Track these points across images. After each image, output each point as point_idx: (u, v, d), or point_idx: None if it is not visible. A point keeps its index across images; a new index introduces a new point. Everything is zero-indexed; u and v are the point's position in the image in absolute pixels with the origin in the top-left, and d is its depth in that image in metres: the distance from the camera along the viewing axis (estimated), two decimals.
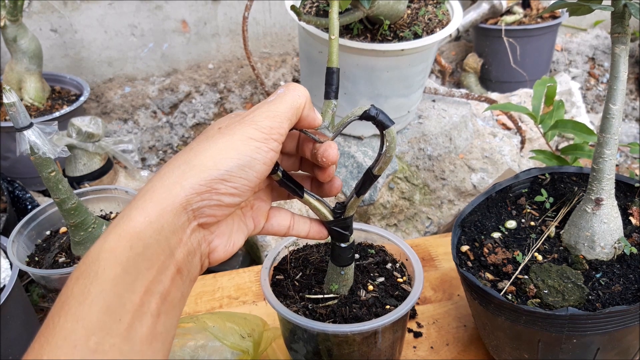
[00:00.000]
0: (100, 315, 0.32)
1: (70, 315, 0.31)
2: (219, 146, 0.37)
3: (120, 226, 0.35)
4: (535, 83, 0.92)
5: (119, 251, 0.33)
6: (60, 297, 0.33)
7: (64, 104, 1.48)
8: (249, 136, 0.38)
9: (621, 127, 0.65)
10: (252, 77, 2.06)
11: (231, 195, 0.38)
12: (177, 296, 0.36)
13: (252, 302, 0.83)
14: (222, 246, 0.41)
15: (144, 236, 0.34)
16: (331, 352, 0.57)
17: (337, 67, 0.45)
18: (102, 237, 0.35)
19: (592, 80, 2.27)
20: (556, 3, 0.59)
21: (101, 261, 0.33)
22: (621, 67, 0.57)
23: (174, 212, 0.35)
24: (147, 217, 0.35)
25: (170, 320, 0.36)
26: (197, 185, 0.36)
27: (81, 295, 0.32)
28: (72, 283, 0.33)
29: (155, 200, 0.35)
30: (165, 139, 1.86)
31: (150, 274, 0.34)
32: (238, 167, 0.37)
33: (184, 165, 0.37)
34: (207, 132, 0.40)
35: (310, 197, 0.48)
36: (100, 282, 0.32)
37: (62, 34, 1.87)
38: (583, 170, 0.75)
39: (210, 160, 0.37)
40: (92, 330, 0.31)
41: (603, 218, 0.62)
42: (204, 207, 0.37)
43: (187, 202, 0.36)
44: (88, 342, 0.31)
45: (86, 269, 0.33)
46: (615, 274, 0.61)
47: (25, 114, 0.62)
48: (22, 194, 1.20)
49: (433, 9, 1.15)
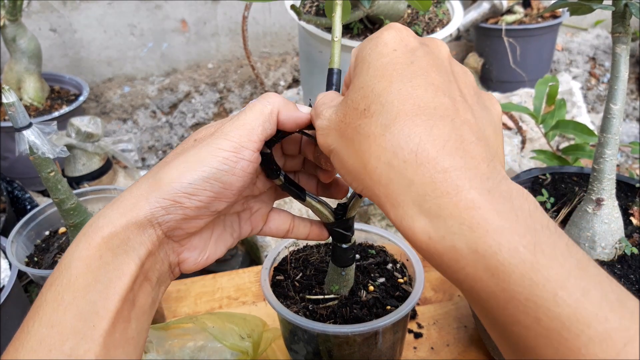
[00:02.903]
0: (74, 321, 0.32)
1: (45, 321, 0.32)
2: (188, 159, 0.37)
3: (89, 234, 0.35)
4: (537, 82, 0.91)
5: (89, 260, 0.34)
6: (35, 303, 0.34)
7: (63, 103, 1.48)
8: (217, 147, 0.37)
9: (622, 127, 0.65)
10: (251, 76, 2.05)
11: (198, 208, 0.37)
12: (147, 302, 0.37)
13: (252, 302, 0.82)
14: (193, 259, 0.41)
15: (111, 246, 0.35)
16: (331, 352, 0.57)
17: (339, 69, 0.45)
18: (74, 244, 0.35)
19: (593, 80, 2.27)
20: (557, 2, 0.59)
21: (72, 269, 0.34)
22: (622, 67, 0.57)
23: (139, 225, 0.36)
24: (113, 228, 0.35)
25: (142, 324, 0.37)
26: (161, 199, 0.36)
27: (54, 301, 0.33)
28: (45, 290, 0.34)
29: (121, 210, 0.36)
30: (165, 139, 1.86)
31: (122, 282, 0.35)
32: (202, 179, 0.36)
33: (152, 178, 0.37)
34: (184, 144, 0.40)
35: (312, 199, 0.47)
36: (73, 289, 0.33)
37: (61, 33, 1.86)
38: (584, 170, 0.75)
39: (175, 174, 0.36)
40: (67, 336, 0.32)
41: (604, 218, 0.62)
42: (169, 221, 0.37)
43: (152, 216, 0.36)
44: (63, 346, 0.31)
45: (59, 276, 0.34)
46: (616, 275, 0.60)
47: (24, 113, 0.62)
48: (21, 194, 1.20)
49: (433, 8, 1.15)
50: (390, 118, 0.29)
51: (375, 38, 0.34)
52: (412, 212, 0.28)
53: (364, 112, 0.31)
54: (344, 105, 0.33)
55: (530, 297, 0.25)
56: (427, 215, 0.28)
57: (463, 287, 0.28)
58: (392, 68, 0.31)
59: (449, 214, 0.27)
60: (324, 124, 0.35)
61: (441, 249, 0.27)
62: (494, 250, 0.26)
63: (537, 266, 0.25)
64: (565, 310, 0.24)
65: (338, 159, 0.34)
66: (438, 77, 0.31)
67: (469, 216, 0.27)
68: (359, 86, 0.32)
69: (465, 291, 0.28)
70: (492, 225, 0.26)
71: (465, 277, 0.27)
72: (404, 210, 0.28)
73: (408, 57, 0.32)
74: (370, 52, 0.33)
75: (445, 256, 0.27)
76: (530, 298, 0.25)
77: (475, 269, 0.26)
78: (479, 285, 0.26)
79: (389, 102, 0.30)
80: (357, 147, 0.31)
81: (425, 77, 0.31)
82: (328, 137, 0.34)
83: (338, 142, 0.33)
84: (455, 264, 0.27)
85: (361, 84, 0.32)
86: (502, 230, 0.26)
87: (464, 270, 0.27)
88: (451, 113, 0.30)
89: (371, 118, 0.30)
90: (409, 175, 0.28)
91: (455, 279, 0.28)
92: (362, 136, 0.31)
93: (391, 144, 0.29)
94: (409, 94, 0.30)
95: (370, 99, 0.31)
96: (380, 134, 0.30)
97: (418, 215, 0.28)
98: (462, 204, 0.27)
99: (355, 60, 0.35)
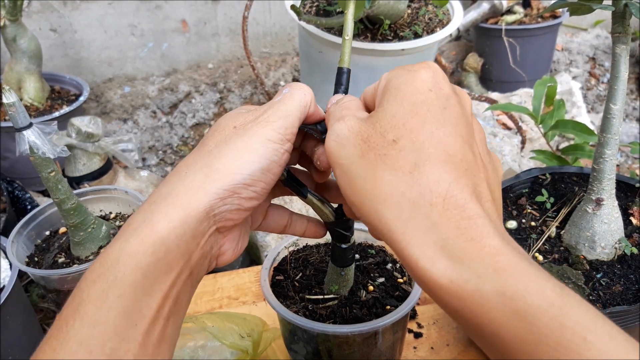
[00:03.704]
0: (117, 320, 0.31)
1: (87, 320, 0.31)
2: (240, 149, 0.37)
3: (142, 230, 0.34)
4: (535, 83, 0.91)
5: (140, 256, 0.33)
6: (74, 299, 0.33)
7: (63, 103, 1.48)
8: (267, 138, 0.37)
9: (622, 127, 0.65)
10: (252, 77, 2.06)
11: (251, 199, 0.37)
12: (186, 298, 0.37)
13: (252, 302, 0.83)
14: (231, 250, 0.41)
15: (166, 241, 0.34)
16: (331, 352, 0.57)
17: (349, 68, 0.45)
18: (122, 240, 0.34)
19: (593, 80, 2.27)
20: (557, 2, 0.59)
21: (121, 265, 0.33)
22: (622, 67, 0.57)
23: (198, 218, 0.35)
24: (170, 223, 0.34)
25: (178, 321, 0.36)
26: (221, 190, 0.35)
27: (98, 299, 0.32)
28: (86, 285, 0.33)
29: (179, 205, 0.35)
30: (165, 139, 1.86)
31: (168, 278, 0.34)
32: (260, 170, 0.37)
33: (207, 169, 0.36)
34: (223, 131, 0.38)
35: (314, 197, 0.47)
36: (119, 286, 0.32)
37: (61, 33, 1.87)
38: (584, 170, 0.75)
39: (233, 164, 0.36)
40: (109, 336, 0.31)
41: (604, 218, 0.62)
42: (225, 212, 0.36)
43: (211, 208, 0.35)
44: (104, 347, 0.31)
45: (104, 272, 0.33)
46: (616, 274, 0.60)
47: (24, 114, 0.62)
48: (22, 194, 1.20)
49: (433, 8, 1.15)
50: (421, 158, 0.30)
51: (412, 71, 0.34)
52: (432, 253, 0.28)
53: (392, 142, 0.31)
54: (371, 126, 0.33)
55: (561, 340, 0.25)
56: (449, 258, 0.28)
57: (484, 333, 0.27)
58: (426, 109, 0.32)
59: (473, 258, 0.27)
60: (344, 132, 0.34)
61: (464, 292, 0.27)
62: (522, 293, 0.26)
63: (565, 309, 0.26)
64: (595, 354, 0.24)
65: (346, 177, 0.33)
66: (464, 130, 0.32)
67: (494, 261, 0.27)
68: (390, 114, 0.32)
69: (486, 337, 0.27)
70: (518, 269, 0.27)
71: (489, 321, 0.27)
72: (422, 250, 0.28)
73: (442, 102, 0.32)
74: (406, 84, 0.33)
75: (468, 300, 0.27)
76: (561, 342, 0.25)
77: (502, 313, 0.26)
78: (505, 329, 0.26)
79: (420, 142, 0.30)
80: (378, 175, 0.31)
81: (455, 127, 0.31)
82: (344, 149, 0.33)
83: (354, 160, 0.32)
84: (479, 307, 0.27)
85: (393, 113, 0.32)
86: (529, 274, 0.27)
87: (488, 314, 0.27)
88: (473, 168, 0.31)
89: (400, 152, 0.31)
90: (433, 217, 0.29)
91: (475, 324, 0.27)
92: (388, 167, 0.31)
93: (419, 184, 0.29)
94: (440, 140, 0.31)
95: (401, 133, 0.31)
96: (409, 172, 0.30)
97: (439, 257, 0.28)
98: (487, 249, 0.27)
99: (386, 85, 0.35)
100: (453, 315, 0.28)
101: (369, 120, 0.34)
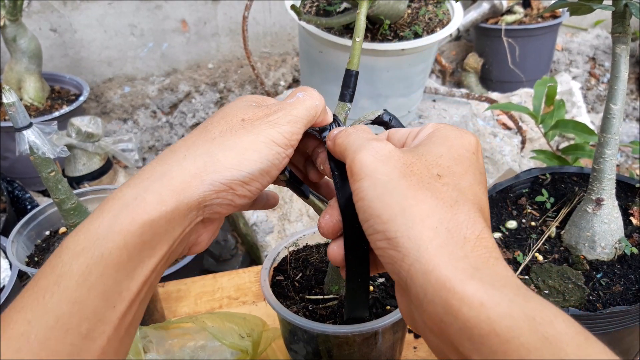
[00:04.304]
0: (97, 300, 0.31)
1: (67, 295, 0.30)
2: (244, 144, 0.36)
3: (133, 208, 0.33)
4: (536, 83, 0.91)
5: (129, 237, 0.32)
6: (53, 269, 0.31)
7: (63, 103, 1.48)
8: (272, 140, 0.37)
9: (622, 127, 0.65)
10: (252, 76, 2.06)
11: (244, 197, 0.37)
12: (156, 283, 0.36)
13: (252, 302, 0.83)
14: (206, 241, 0.40)
15: (155, 225, 0.33)
16: (331, 352, 0.57)
17: (357, 70, 0.45)
18: (111, 215, 0.33)
19: (593, 80, 2.27)
20: (557, 2, 0.59)
21: (109, 242, 0.32)
22: (622, 67, 0.57)
23: (189, 207, 0.35)
24: (163, 206, 0.33)
25: (147, 303, 0.36)
26: (217, 182, 0.35)
27: (81, 275, 0.31)
28: (69, 258, 0.32)
29: (173, 188, 0.34)
30: (165, 139, 1.86)
31: (151, 263, 0.34)
32: (259, 171, 0.37)
33: (207, 157, 0.36)
34: (230, 121, 0.38)
35: (315, 198, 0.47)
36: (104, 265, 0.31)
37: (61, 33, 1.87)
38: (584, 170, 0.75)
39: (235, 159, 0.36)
40: (87, 315, 0.31)
41: (604, 218, 0.62)
42: (215, 205, 0.36)
43: (204, 199, 0.35)
44: (80, 327, 0.30)
45: (89, 247, 0.32)
46: (616, 274, 0.60)
47: (24, 113, 0.62)
48: (22, 194, 1.20)
49: (433, 8, 1.15)
50: (461, 199, 0.33)
51: (461, 131, 0.38)
52: (463, 276, 0.29)
53: (437, 176, 0.34)
54: (416, 156, 0.35)
55: None
56: (480, 281, 0.29)
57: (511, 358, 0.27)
58: (469, 164, 0.36)
59: (504, 284, 0.29)
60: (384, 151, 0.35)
61: (495, 315, 0.27)
62: (550, 319, 0.27)
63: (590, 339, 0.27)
64: None
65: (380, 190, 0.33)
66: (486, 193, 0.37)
67: (524, 289, 0.29)
68: (437, 154, 0.35)
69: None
70: (544, 301, 0.28)
71: (518, 346, 0.27)
72: (453, 273, 0.29)
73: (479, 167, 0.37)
74: (456, 137, 0.37)
75: (498, 323, 0.27)
76: None
77: (532, 338, 0.27)
78: (534, 354, 0.26)
79: (462, 187, 0.34)
80: (420, 197, 0.33)
81: (485, 189, 0.36)
82: (385, 165, 0.34)
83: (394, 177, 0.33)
84: (509, 332, 0.27)
85: (440, 154, 0.35)
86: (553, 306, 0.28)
87: (518, 339, 0.27)
88: (488, 216, 0.35)
89: (443, 186, 0.33)
90: (466, 250, 0.31)
91: (502, 351, 0.27)
92: (431, 193, 0.33)
93: (458, 218, 0.32)
94: (476, 193, 0.34)
95: (445, 172, 0.34)
96: (450, 205, 0.32)
97: (469, 280, 0.29)
98: (514, 280, 0.30)
99: (434, 132, 0.38)
100: (476, 340, 0.28)
101: (412, 151, 0.36)
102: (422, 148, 0.36)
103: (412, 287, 0.31)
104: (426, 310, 0.30)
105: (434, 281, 0.29)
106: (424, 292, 0.30)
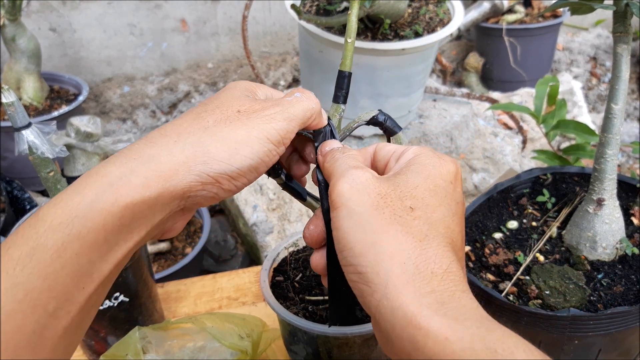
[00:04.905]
0: (68, 279, 0.30)
1: (39, 270, 0.30)
2: (237, 137, 0.36)
3: (117, 189, 0.32)
4: (537, 82, 0.91)
5: (110, 218, 0.32)
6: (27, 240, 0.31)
7: (62, 103, 1.47)
8: (266, 135, 0.36)
9: (623, 127, 0.65)
10: (251, 76, 2.05)
11: (229, 191, 0.37)
12: (125, 263, 0.36)
13: (251, 303, 0.82)
14: (180, 227, 0.39)
15: (136, 209, 0.32)
16: (331, 354, 0.57)
17: (350, 72, 0.45)
18: (94, 192, 0.32)
19: (594, 79, 2.27)
20: (558, 2, 0.58)
21: (88, 221, 0.31)
22: (623, 67, 0.57)
23: (173, 195, 0.34)
24: (147, 192, 0.33)
25: (110, 286, 0.35)
26: (204, 174, 0.34)
27: (56, 252, 0.30)
28: (45, 230, 0.31)
29: (159, 174, 0.33)
30: None
31: (126, 246, 0.33)
32: (248, 167, 0.36)
33: (198, 146, 0.35)
34: (226, 110, 0.37)
35: (313, 199, 0.47)
36: (80, 244, 0.31)
37: (61, 33, 1.86)
38: (585, 170, 0.75)
39: (226, 152, 0.35)
40: (56, 294, 0.30)
41: (605, 218, 0.61)
42: (199, 197, 0.36)
43: (189, 189, 0.34)
44: (48, 305, 0.30)
45: (68, 222, 0.31)
46: (617, 275, 0.60)
47: (23, 113, 0.62)
48: (21, 194, 1.20)
49: (434, 7, 1.15)
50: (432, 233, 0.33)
51: (441, 159, 0.37)
52: (428, 312, 0.30)
53: (409, 209, 0.34)
54: (391, 186, 0.35)
55: None
56: (444, 316, 0.29)
57: None
58: (444, 195, 0.36)
59: (467, 318, 0.30)
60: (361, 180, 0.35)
61: (458, 349, 0.28)
62: (511, 350, 0.28)
63: None
64: None
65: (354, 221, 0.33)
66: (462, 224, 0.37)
67: (487, 321, 0.30)
68: (413, 185, 0.35)
69: None
70: (506, 331, 0.30)
71: None
72: (419, 309, 0.30)
73: (456, 197, 0.37)
74: (434, 166, 0.37)
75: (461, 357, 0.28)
76: None
77: None
78: None
79: (434, 220, 0.34)
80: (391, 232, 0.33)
81: (460, 220, 0.36)
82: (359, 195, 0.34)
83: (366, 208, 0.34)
84: None
85: (415, 184, 0.35)
86: (515, 335, 0.29)
87: None
88: (461, 252, 0.36)
89: (414, 219, 0.34)
90: (433, 284, 0.31)
91: None
92: (402, 228, 0.33)
93: (426, 253, 0.32)
94: (448, 226, 0.35)
95: (419, 204, 0.34)
96: (419, 240, 0.33)
97: (434, 316, 0.29)
98: (478, 312, 0.31)
99: (413, 159, 0.37)
100: None
101: (389, 180, 0.36)
102: (399, 177, 0.36)
103: (380, 322, 0.31)
104: (395, 345, 0.30)
105: (401, 317, 0.30)
106: (392, 327, 0.30)
